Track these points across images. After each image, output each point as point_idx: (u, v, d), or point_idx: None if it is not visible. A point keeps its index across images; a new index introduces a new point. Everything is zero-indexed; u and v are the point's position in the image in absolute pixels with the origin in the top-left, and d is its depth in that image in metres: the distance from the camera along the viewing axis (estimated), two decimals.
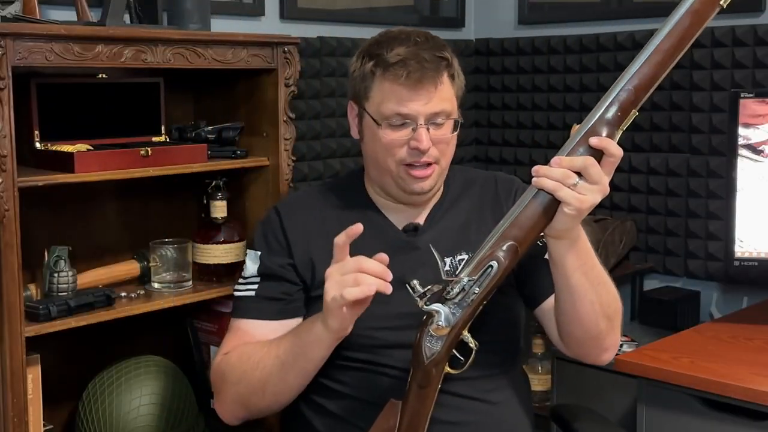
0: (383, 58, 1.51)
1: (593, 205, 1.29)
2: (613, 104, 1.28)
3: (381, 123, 1.52)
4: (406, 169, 1.52)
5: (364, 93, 1.55)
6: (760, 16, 2.50)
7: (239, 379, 1.49)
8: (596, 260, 1.43)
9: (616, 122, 1.29)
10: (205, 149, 2.00)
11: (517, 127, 3.05)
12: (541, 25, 2.99)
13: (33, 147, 1.88)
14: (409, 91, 1.49)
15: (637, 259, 2.74)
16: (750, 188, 2.20)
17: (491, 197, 1.65)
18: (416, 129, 1.50)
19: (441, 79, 1.51)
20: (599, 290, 1.43)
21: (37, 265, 1.87)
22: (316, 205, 1.63)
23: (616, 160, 1.29)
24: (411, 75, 1.48)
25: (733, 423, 1.87)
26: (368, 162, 1.60)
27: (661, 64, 1.28)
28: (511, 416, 1.56)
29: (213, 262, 2.07)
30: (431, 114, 1.50)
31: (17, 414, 1.67)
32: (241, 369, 1.48)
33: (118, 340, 2.07)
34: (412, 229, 1.59)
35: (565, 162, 1.27)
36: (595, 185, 1.28)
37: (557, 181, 1.27)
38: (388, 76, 1.50)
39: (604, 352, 1.53)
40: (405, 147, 1.51)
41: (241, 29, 2.37)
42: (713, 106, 2.56)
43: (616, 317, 1.49)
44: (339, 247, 1.32)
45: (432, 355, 1.32)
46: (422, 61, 1.49)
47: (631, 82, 1.28)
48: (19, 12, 1.80)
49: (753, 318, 2.28)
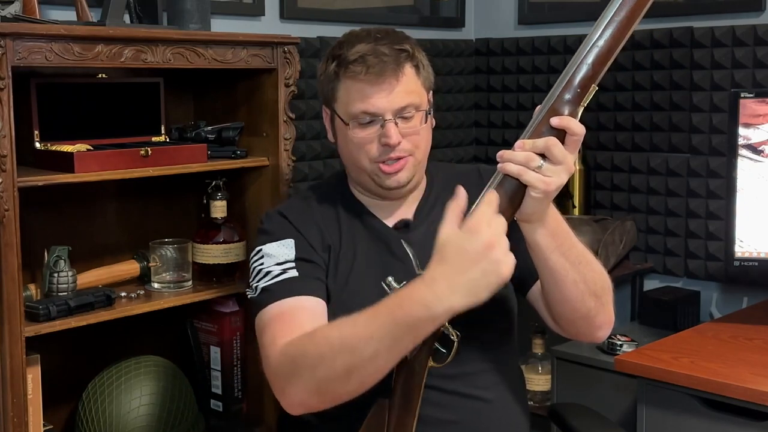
0: (344, 57, 1.52)
1: (560, 186, 1.28)
2: (573, 81, 1.27)
3: (349, 123, 1.52)
4: (378, 166, 1.53)
5: (332, 95, 1.56)
6: (760, 16, 2.50)
7: (316, 364, 1.32)
8: (575, 239, 1.41)
9: (576, 99, 1.28)
10: (205, 149, 2.00)
11: (517, 127, 3.05)
12: (541, 25, 2.99)
13: (33, 147, 1.88)
14: (371, 86, 1.50)
15: (637, 259, 2.74)
16: (750, 188, 2.20)
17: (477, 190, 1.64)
18: (384, 125, 1.50)
19: (402, 71, 1.51)
20: (581, 269, 1.41)
21: (37, 265, 1.87)
22: (313, 206, 1.63)
23: (579, 138, 1.28)
24: (370, 70, 1.49)
25: (733, 423, 1.87)
26: (345, 163, 1.61)
27: (615, 37, 1.26)
28: (506, 414, 1.55)
29: (213, 262, 2.07)
30: (397, 108, 1.51)
31: (17, 414, 1.67)
32: (319, 353, 1.31)
33: (118, 340, 2.07)
34: (403, 225, 1.59)
35: (527, 145, 1.27)
36: (560, 165, 1.26)
37: (521, 164, 1.26)
38: (349, 74, 1.51)
39: (598, 330, 1.51)
40: (375, 144, 1.52)
41: (241, 29, 2.37)
42: (713, 106, 2.56)
43: (605, 294, 1.47)
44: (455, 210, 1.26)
45: (414, 351, 1.30)
46: (381, 56, 1.49)
47: (588, 56, 1.26)
48: (19, 12, 1.80)
49: (753, 318, 2.28)
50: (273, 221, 1.60)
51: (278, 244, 1.54)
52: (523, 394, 1.64)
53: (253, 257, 1.57)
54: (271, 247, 1.54)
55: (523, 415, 1.59)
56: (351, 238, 1.57)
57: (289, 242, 1.54)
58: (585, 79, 1.27)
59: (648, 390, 2.00)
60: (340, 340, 1.30)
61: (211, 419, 2.14)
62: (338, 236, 1.57)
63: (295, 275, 1.49)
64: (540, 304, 1.56)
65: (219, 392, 2.14)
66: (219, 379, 2.14)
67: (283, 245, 1.54)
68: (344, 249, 1.56)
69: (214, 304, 2.11)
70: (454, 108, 3.07)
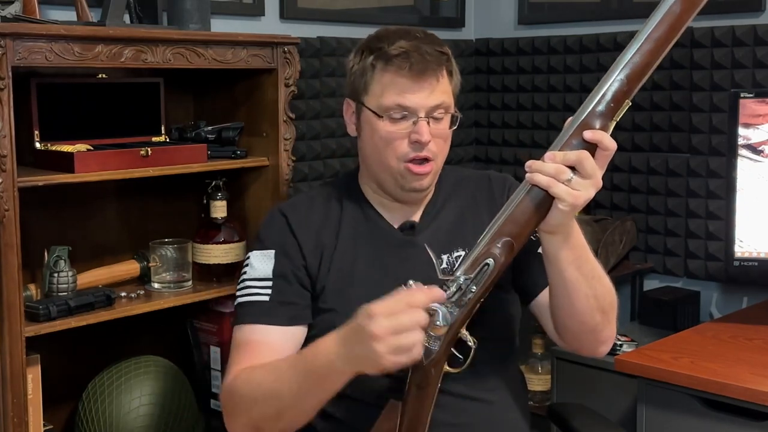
0: (384, 51, 1.51)
1: (587, 200, 1.29)
2: (606, 95, 1.27)
3: (382, 115, 1.51)
4: (406, 165, 1.52)
5: (364, 87, 1.55)
6: (760, 16, 2.50)
7: (250, 406, 1.43)
8: (590, 254, 1.42)
9: (609, 113, 1.27)
10: (204, 149, 2.00)
11: (517, 127, 3.05)
12: (541, 25, 2.99)
13: (33, 147, 1.88)
14: (411, 83, 1.49)
15: (637, 259, 2.74)
16: (750, 188, 2.19)
17: (486, 195, 1.65)
18: (417, 122, 1.50)
19: (442, 72, 1.52)
20: (593, 284, 1.42)
21: (37, 265, 1.87)
22: (316, 205, 1.63)
23: (610, 154, 1.28)
24: (414, 67, 1.48)
25: (733, 423, 1.87)
26: (366, 159, 1.60)
27: (652, 53, 1.25)
28: (508, 416, 1.56)
29: (213, 262, 2.07)
30: (432, 107, 1.50)
31: (17, 414, 1.67)
32: (252, 397, 1.42)
33: (118, 340, 2.07)
34: (408, 227, 1.59)
35: (558, 157, 1.26)
36: (589, 180, 1.27)
37: (551, 176, 1.26)
38: (389, 68, 1.50)
39: (601, 345, 1.52)
40: (405, 141, 1.51)
41: (241, 29, 2.37)
42: (713, 106, 2.56)
43: (611, 310, 1.48)
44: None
45: (430, 355, 1.30)
46: (425, 54, 1.49)
47: (623, 71, 1.26)
48: (19, 12, 1.80)
49: (753, 318, 2.28)
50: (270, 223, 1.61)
51: (262, 254, 1.57)
52: (524, 396, 1.65)
53: (245, 259, 1.61)
54: (256, 257, 1.57)
55: (525, 417, 1.60)
56: (351, 237, 1.57)
57: (270, 254, 1.56)
58: (619, 94, 1.26)
59: (648, 390, 2.00)
60: (268, 385, 1.39)
61: (211, 419, 2.14)
62: (335, 235, 1.57)
63: (266, 300, 1.52)
64: (544, 314, 1.56)
65: (219, 392, 2.14)
66: (219, 379, 2.14)
67: (265, 256, 1.56)
68: (342, 248, 1.56)
69: (214, 304, 2.11)
70: None
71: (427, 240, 1.49)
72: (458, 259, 1.51)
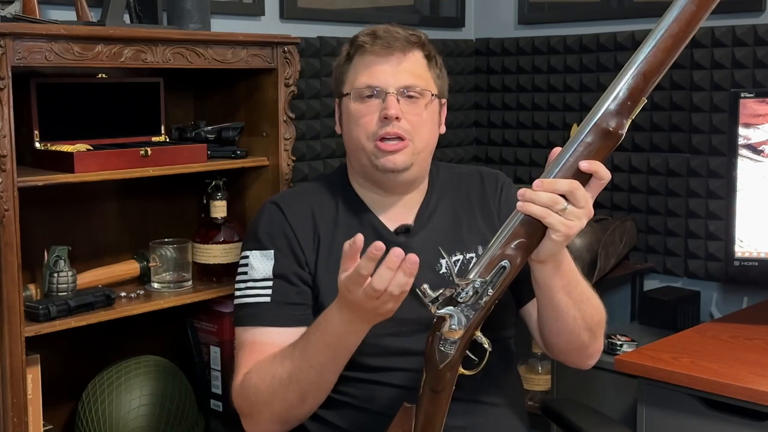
0: (358, 41, 1.56)
1: (580, 229, 1.28)
2: (621, 93, 1.25)
3: (351, 93, 1.54)
4: (376, 143, 1.52)
5: (342, 79, 1.58)
6: (760, 16, 2.50)
7: (270, 399, 1.42)
8: (579, 277, 1.43)
9: (626, 111, 1.26)
10: (204, 149, 2.00)
11: (517, 127, 3.05)
12: (541, 25, 2.99)
13: (33, 147, 1.88)
14: (377, 57, 1.53)
15: (637, 259, 2.74)
16: (750, 188, 2.19)
17: (478, 194, 1.65)
18: (385, 98, 1.51)
19: (411, 51, 1.55)
20: (582, 306, 1.43)
21: (37, 265, 1.87)
22: (310, 196, 1.62)
23: (604, 183, 1.28)
24: (377, 41, 1.53)
25: (733, 423, 1.87)
26: (347, 148, 1.61)
27: (669, 50, 1.24)
28: (510, 418, 1.56)
29: (213, 262, 2.06)
30: (402, 86, 1.52)
31: (17, 414, 1.66)
32: (270, 390, 1.42)
33: (118, 340, 2.07)
34: (403, 231, 1.58)
35: (546, 184, 1.25)
36: (582, 209, 1.26)
37: (545, 206, 1.24)
38: (359, 51, 1.55)
39: (588, 359, 1.56)
40: (375, 117, 1.52)
41: (241, 29, 2.37)
42: (713, 106, 2.56)
43: (599, 328, 1.51)
44: (347, 256, 1.28)
45: (446, 359, 1.29)
46: (392, 32, 1.54)
47: (640, 68, 1.24)
48: (19, 12, 1.80)
49: (753, 318, 2.28)
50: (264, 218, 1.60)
51: (261, 254, 1.56)
52: (522, 399, 1.66)
53: (241, 258, 1.60)
54: (255, 257, 1.56)
55: (523, 419, 1.61)
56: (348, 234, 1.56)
57: (270, 254, 1.55)
58: (636, 91, 1.25)
59: (648, 390, 2.00)
60: (284, 373, 1.40)
61: (211, 419, 2.14)
62: (333, 229, 1.57)
63: (267, 300, 1.52)
64: (532, 322, 1.58)
65: (219, 392, 2.14)
66: (219, 379, 2.14)
67: (264, 256, 1.56)
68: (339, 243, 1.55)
69: (214, 303, 2.10)
70: (454, 108, 3.07)
71: (421, 243, 1.51)
72: (456, 263, 1.53)
